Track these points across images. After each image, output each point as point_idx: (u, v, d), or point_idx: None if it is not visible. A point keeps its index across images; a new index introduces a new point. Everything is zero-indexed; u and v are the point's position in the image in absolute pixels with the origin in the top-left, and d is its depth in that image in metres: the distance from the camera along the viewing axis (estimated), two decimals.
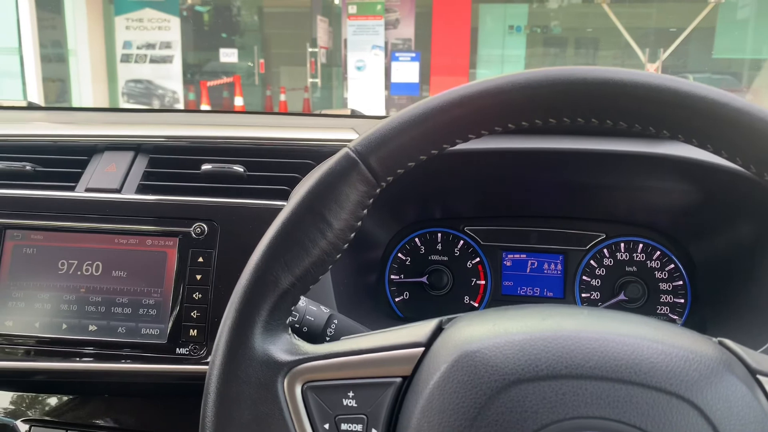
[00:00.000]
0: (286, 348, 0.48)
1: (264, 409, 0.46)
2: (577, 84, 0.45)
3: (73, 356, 0.70)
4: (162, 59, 8.23)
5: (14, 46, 7.31)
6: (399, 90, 7.85)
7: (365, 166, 0.49)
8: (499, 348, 0.42)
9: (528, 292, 0.85)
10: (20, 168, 0.76)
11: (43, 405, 0.80)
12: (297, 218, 0.48)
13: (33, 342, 0.71)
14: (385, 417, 0.45)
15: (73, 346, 0.70)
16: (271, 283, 0.48)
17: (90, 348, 0.70)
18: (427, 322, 0.48)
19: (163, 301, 0.70)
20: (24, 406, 0.81)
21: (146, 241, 0.72)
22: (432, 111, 0.48)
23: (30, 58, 7.28)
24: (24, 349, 0.70)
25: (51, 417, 0.80)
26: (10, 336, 0.71)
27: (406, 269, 0.87)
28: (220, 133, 0.78)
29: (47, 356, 0.70)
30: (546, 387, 0.40)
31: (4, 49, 7.35)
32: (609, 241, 0.84)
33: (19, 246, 0.73)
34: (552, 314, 0.46)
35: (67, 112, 1.20)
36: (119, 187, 0.74)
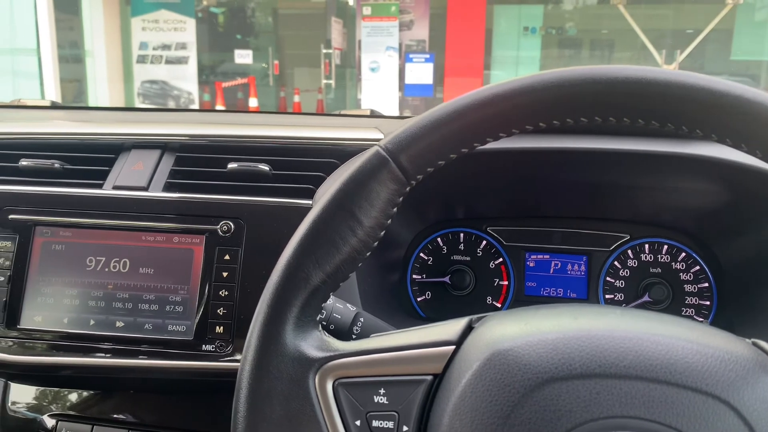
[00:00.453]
0: (317, 344, 0.48)
1: (295, 405, 0.46)
2: (610, 83, 0.45)
3: (101, 352, 0.71)
4: (177, 60, 8.29)
5: (33, 47, 7.39)
6: (413, 91, 7.85)
7: (396, 164, 0.49)
8: (532, 347, 0.42)
9: (551, 293, 0.85)
10: (49, 166, 0.77)
11: (65, 400, 0.81)
12: (328, 216, 0.48)
13: (61, 337, 0.71)
14: (416, 414, 0.45)
15: (101, 342, 0.71)
16: (303, 280, 0.48)
17: (117, 344, 0.71)
18: (457, 321, 0.48)
19: (190, 298, 0.71)
20: (46, 401, 0.82)
21: (173, 239, 0.72)
22: (463, 109, 0.48)
23: (48, 59, 7.36)
24: (52, 344, 0.71)
25: (74, 412, 0.81)
26: (39, 331, 0.72)
27: (429, 269, 0.87)
28: (245, 132, 0.79)
29: (75, 352, 0.71)
30: (580, 386, 0.40)
31: (23, 50, 7.43)
32: (633, 242, 0.83)
33: (48, 243, 0.74)
34: (584, 313, 0.46)
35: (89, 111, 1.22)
36: (146, 185, 0.75)
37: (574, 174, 0.78)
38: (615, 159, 0.74)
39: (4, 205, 0.75)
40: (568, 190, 0.81)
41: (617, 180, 0.79)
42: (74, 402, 0.81)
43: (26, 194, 0.75)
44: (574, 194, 0.82)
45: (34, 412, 0.81)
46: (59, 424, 0.78)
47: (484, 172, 0.79)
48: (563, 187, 0.81)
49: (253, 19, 10.07)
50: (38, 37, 7.33)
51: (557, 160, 0.76)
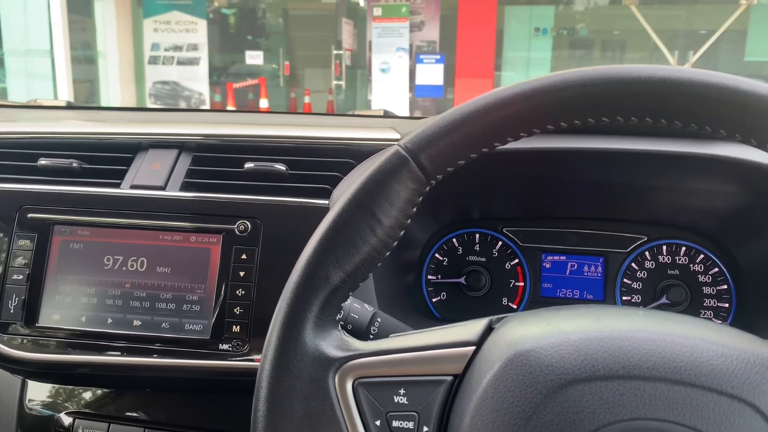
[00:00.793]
0: (336, 344, 0.48)
1: (315, 404, 0.46)
2: (633, 82, 0.45)
3: (118, 350, 0.71)
4: (189, 61, 8.33)
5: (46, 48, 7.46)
6: (423, 92, 7.85)
7: (416, 163, 0.49)
8: (554, 347, 0.42)
9: (567, 295, 0.84)
10: (67, 165, 0.78)
11: (81, 398, 0.82)
12: (348, 215, 0.48)
13: (79, 335, 0.72)
14: (436, 415, 0.45)
15: (118, 340, 0.71)
16: (322, 279, 0.48)
17: (134, 343, 0.71)
18: (477, 321, 0.48)
19: (207, 297, 0.71)
20: (63, 399, 0.82)
21: (190, 238, 0.72)
22: (484, 108, 0.48)
23: (61, 60, 7.42)
24: (70, 342, 0.72)
25: (91, 410, 0.81)
26: (57, 329, 0.72)
27: (444, 270, 0.86)
28: (262, 132, 0.79)
29: (92, 350, 0.71)
30: (603, 387, 0.40)
31: (36, 51, 7.50)
32: (651, 244, 0.82)
33: (67, 241, 0.74)
34: (606, 314, 0.45)
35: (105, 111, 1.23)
36: (164, 185, 0.76)
37: (591, 175, 0.78)
38: (633, 159, 0.74)
39: (23, 204, 0.75)
40: (585, 191, 0.81)
41: (635, 181, 0.78)
42: (91, 400, 0.81)
43: (45, 193, 0.76)
44: (592, 195, 0.81)
45: (51, 410, 0.81)
46: (76, 422, 0.78)
47: (501, 173, 0.79)
48: (580, 187, 0.80)
49: (263, 20, 10.11)
50: (51, 38, 7.39)
51: (575, 161, 0.76)
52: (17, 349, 0.72)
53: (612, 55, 8.65)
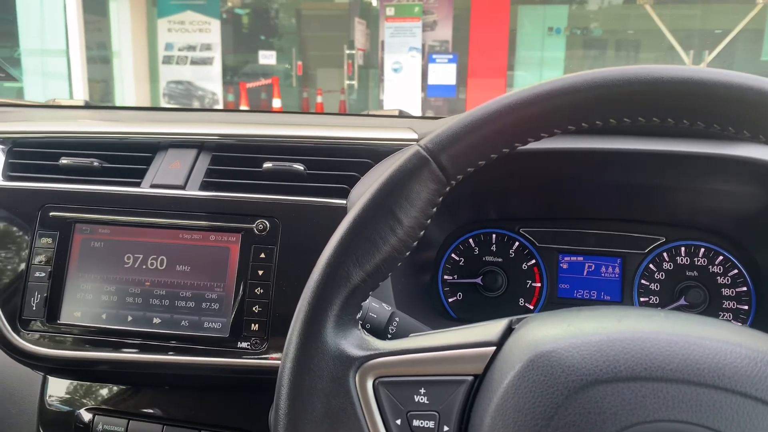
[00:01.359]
0: (357, 343, 0.48)
1: (336, 403, 0.46)
2: (655, 83, 0.45)
3: (138, 348, 0.72)
4: (202, 61, 8.38)
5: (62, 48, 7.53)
6: (435, 92, 7.84)
7: (436, 164, 0.49)
8: (576, 348, 0.42)
9: (584, 296, 0.84)
10: (88, 164, 0.79)
11: (101, 395, 0.83)
12: (368, 215, 0.49)
13: (99, 333, 0.73)
14: (457, 414, 0.45)
15: (138, 337, 0.72)
16: (343, 279, 0.48)
17: (154, 340, 0.72)
18: (497, 322, 0.48)
19: (226, 295, 0.71)
20: (83, 396, 0.83)
21: (210, 237, 0.73)
22: (505, 109, 0.48)
23: (76, 60, 7.49)
24: (91, 339, 0.73)
25: (110, 407, 0.82)
26: (78, 326, 0.73)
27: (460, 270, 0.86)
28: (280, 132, 0.79)
29: (112, 347, 0.72)
30: (625, 388, 0.40)
31: (52, 51, 7.58)
32: (669, 245, 0.82)
33: (87, 239, 0.75)
34: (627, 315, 0.45)
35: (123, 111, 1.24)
36: (183, 184, 0.76)
37: (609, 175, 0.77)
38: (652, 160, 0.73)
39: (45, 203, 0.76)
40: (603, 192, 0.81)
41: (654, 181, 0.78)
42: (110, 397, 0.82)
43: (66, 192, 0.77)
44: (610, 196, 0.81)
45: (72, 406, 0.82)
46: (96, 418, 0.79)
47: (518, 173, 0.79)
48: (598, 188, 0.80)
49: (276, 20, 10.15)
50: (67, 38, 7.47)
51: (593, 161, 0.76)
52: (39, 345, 0.73)
53: (626, 54, 8.59)
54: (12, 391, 0.85)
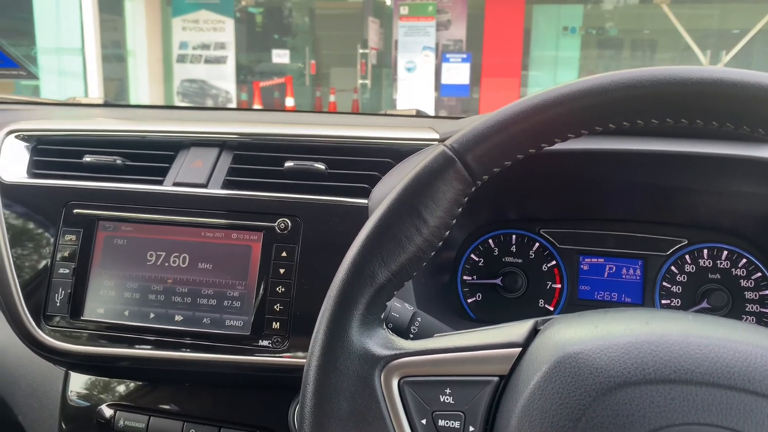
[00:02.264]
0: (382, 342, 0.48)
1: (362, 402, 0.46)
2: (685, 84, 0.44)
3: (160, 345, 0.72)
4: (216, 60, 8.42)
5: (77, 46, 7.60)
6: (449, 91, 7.82)
7: (462, 164, 0.49)
8: (603, 350, 0.42)
9: (605, 297, 0.84)
10: (111, 162, 0.79)
11: (122, 391, 0.83)
12: (394, 214, 0.49)
13: (122, 329, 0.73)
14: (482, 415, 0.45)
15: (160, 335, 0.72)
16: (369, 278, 0.48)
17: (176, 337, 0.72)
18: (522, 323, 0.48)
19: (247, 293, 0.72)
20: (105, 392, 0.84)
21: (231, 235, 0.73)
22: (532, 109, 0.48)
23: (92, 58, 7.56)
24: (113, 335, 0.73)
25: (132, 403, 0.83)
26: (101, 323, 0.74)
27: (479, 270, 0.86)
28: (301, 131, 0.79)
29: (135, 344, 0.73)
30: (654, 391, 0.40)
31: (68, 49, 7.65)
32: (691, 247, 0.81)
33: (111, 237, 0.76)
34: (655, 318, 0.45)
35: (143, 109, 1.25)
36: (206, 182, 0.77)
37: (632, 176, 0.77)
38: (674, 161, 0.73)
39: (69, 200, 0.77)
40: (624, 193, 0.80)
41: (677, 183, 0.77)
42: (131, 393, 0.83)
43: (90, 189, 0.78)
44: (631, 197, 0.80)
45: (93, 402, 0.83)
46: (117, 414, 0.80)
47: (539, 174, 0.78)
48: (620, 189, 0.80)
49: (290, 19, 10.18)
50: (83, 37, 7.53)
51: (615, 162, 0.75)
52: (62, 341, 0.74)
53: (641, 54, 8.52)
54: (35, 387, 0.86)
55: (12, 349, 0.86)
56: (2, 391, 0.87)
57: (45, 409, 0.85)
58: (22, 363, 0.86)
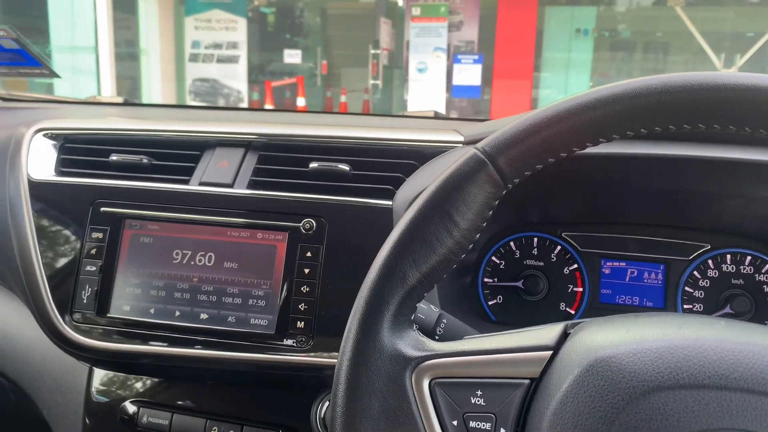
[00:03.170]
0: (412, 343, 0.49)
1: (393, 402, 0.47)
2: (718, 90, 0.45)
3: (185, 343, 0.73)
4: (228, 59, 8.45)
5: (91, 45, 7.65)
6: (460, 93, 7.81)
7: (494, 167, 0.49)
8: (636, 354, 0.42)
9: (627, 302, 0.84)
10: (137, 161, 0.80)
11: (146, 388, 0.84)
12: (425, 216, 0.49)
13: (147, 327, 0.74)
14: (513, 417, 0.46)
15: (185, 333, 0.73)
16: (400, 279, 0.49)
17: (200, 335, 0.73)
18: (552, 326, 0.48)
19: (272, 292, 0.72)
20: (128, 388, 0.85)
21: (257, 235, 0.74)
22: (565, 113, 0.48)
23: (105, 57, 7.61)
24: (139, 333, 0.74)
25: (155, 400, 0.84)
26: (127, 320, 0.75)
27: (500, 273, 0.86)
28: (325, 132, 0.80)
29: (160, 341, 0.74)
30: (688, 396, 0.40)
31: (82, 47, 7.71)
32: (714, 252, 0.81)
33: (137, 235, 0.77)
34: (688, 323, 0.45)
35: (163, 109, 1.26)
36: (232, 182, 0.77)
37: (655, 181, 0.77)
38: (700, 166, 0.73)
39: (96, 198, 0.78)
40: (648, 197, 0.80)
41: (701, 188, 0.77)
42: (154, 390, 0.84)
43: (117, 188, 0.79)
44: (655, 201, 0.80)
45: (117, 398, 0.84)
46: (140, 410, 0.81)
47: (562, 177, 0.78)
48: (643, 193, 0.80)
49: (302, 19, 10.20)
50: (97, 35, 7.59)
51: (639, 166, 0.75)
52: (88, 337, 0.75)
53: (654, 57, 8.47)
54: (59, 382, 0.87)
55: (37, 345, 0.87)
56: (27, 387, 0.89)
57: (69, 405, 0.86)
58: (46, 359, 0.87)
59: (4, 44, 1.19)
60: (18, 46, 1.19)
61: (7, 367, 0.90)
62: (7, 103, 1.23)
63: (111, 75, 7.72)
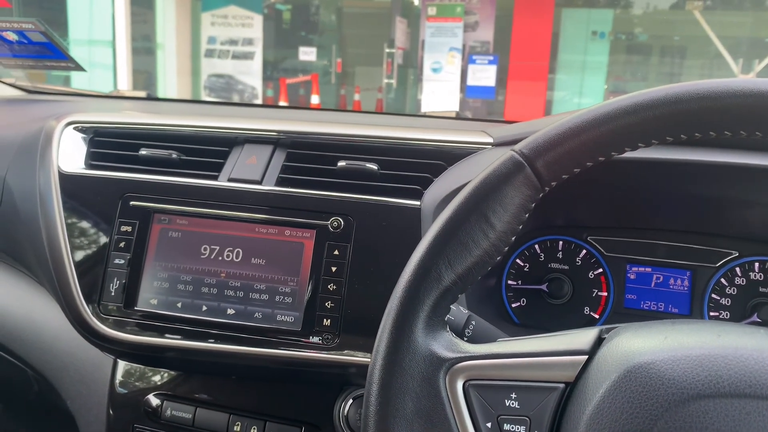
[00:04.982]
0: (446, 345, 0.49)
1: (426, 403, 0.47)
2: (762, 96, 0.44)
3: (211, 338, 0.73)
4: (244, 55, 8.49)
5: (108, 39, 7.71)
6: (474, 93, 7.79)
7: (531, 169, 0.49)
8: (676, 362, 0.42)
9: (651, 307, 0.83)
10: (167, 156, 0.81)
11: (170, 381, 0.85)
12: (462, 218, 0.49)
13: (174, 321, 0.75)
14: (548, 421, 0.45)
15: (212, 327, 0.74)
16: (435, 280, 0.49)
17: (227, 331, 0.73)
18: (586, 331, 0.48)
19: (299, 290, 0.73)
20: (149, 380, 0.86)
21: (285, 232, 0.74)
22: (604, 117, 0.48)
23: (122, 51, 7.66)
24: (166, 326, 0.75)
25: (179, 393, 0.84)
26: (154, 313, 0.75)
27: (524, 276, 0.86)
28: (354, 131, 0.80)
29: (186, 335, 0.74)
30: (729, 405, 0.39)
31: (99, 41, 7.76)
32: (742, 260, 0.81)
33: (165, 229, 0.77)
34: (727, 331, 0.45)
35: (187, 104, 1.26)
36: (260, 179, 0.78)
37: (684, 187, 0.76)
38: (729, 173, 0.72)
39: (125, 192, 0.79)
40: (675, 203, 0.79)
41: (730, 194, 0.76)
42: (178, 383, 0.84)
43: (146, 182, 0.79)
44: (683, 207, 0.80)
45: (140, 391, 0.85)
46: (164, 403, 0.81)
47: (590, 181, 0.78)
48: (670, 199, 0.79)
49: (317, 16, 10.21)
50: (114, 29, 7.64)
51: (667, 172, 0.75)
52: (116, 329, 0.76)
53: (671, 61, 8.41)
54: (84, 373, 0.88)
55: (63, 337, 0.88)
56: (51, 377, 0.89)
57: (93, 396, 0.86)
58: (72, 351, 0.88)
59: (32, 37, 1.21)
60: (45, 39, 1.20)
61: (31, 357, 0.91)
62: (32, 96, 1.24)
63: (128, 69, 7.77)
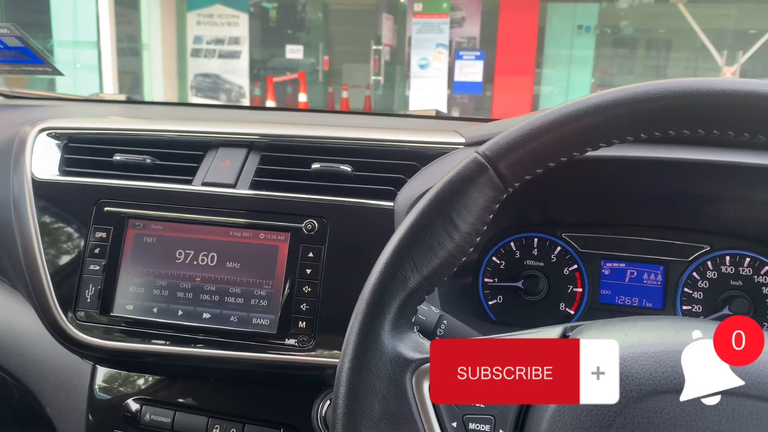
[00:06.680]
0: (413, 346, 0.49)
1: (393, 404, 0.47)
2: (718, 96, 0.45)
3: (187, 342, 0.74)
4: (230, 54, 8.45)
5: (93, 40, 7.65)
6: (462, 89, 7.80)
7: (494, 171, 0.50)
8: (635, 359, 0.43)
9: (626, 302, 0.84)
10: (141, 161, 0.81)
11: (149, 386, 0.85)
12: (426, 220, 0.50)
13: (150, 326, 0.75)
14: (512, 419, 0.46)
15: (188, 332, 0.74)
16: (401, 282, 0.49)
17: (203, 335, 0.73)
18: (551, 328, 0.49)
19: (274, 293, 0.73)
20: (128, 385, 0.86)
21: (259, 235, 0.75)
22: (565, 118, 0.48)
23: (107, 52, 7.60)
24: (142, 332, 0.75)
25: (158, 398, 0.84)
26: (130, 319, 0.75)
27: (500, 273, 0.87)
28: (328, 133, 0.80)
29: (162, 340, 0.74)
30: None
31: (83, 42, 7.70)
32: (714, 254, 0.82)
33: (140, 235, 0.77)
34: (685, 327, 0.45)
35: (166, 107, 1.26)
36: (234, 183, 0.78)
37: (656, 183, 0.77)
38: (699, 169, 0.73)
39: (99, 198, 0.79)
40: (648, 199, 0.80)
41: (701, 191, 0.77)
42: (157, 388, 0.84)
43: (120, 188, 0.79)
44: (655, 203, 0.81)
45: (120, 396, 0.85)
46: (143, 408, 0.82)
47: (563, 179, 0.79)
48: (643, 195, 0.80)
49: (304, 14, 10.18)
50: (98, 30, 7.58)
51: (638, 169, 0.75)
52: (92, 336, 0.76)
53: (657, 54, 8.45)
54: (63, 380, 0.88)
55: (41, 343, 0.88)
56: (30, 384, 0.89)
57: (72, 402, 0.86)
58: (50, 357, 0.88)
59: (8, 42, 1.20)
60: (21, 44, 1.19)
61: (10, 364, 0.91)
62: (10, 101, 1.23)
63: (113, 70, 7.71)
